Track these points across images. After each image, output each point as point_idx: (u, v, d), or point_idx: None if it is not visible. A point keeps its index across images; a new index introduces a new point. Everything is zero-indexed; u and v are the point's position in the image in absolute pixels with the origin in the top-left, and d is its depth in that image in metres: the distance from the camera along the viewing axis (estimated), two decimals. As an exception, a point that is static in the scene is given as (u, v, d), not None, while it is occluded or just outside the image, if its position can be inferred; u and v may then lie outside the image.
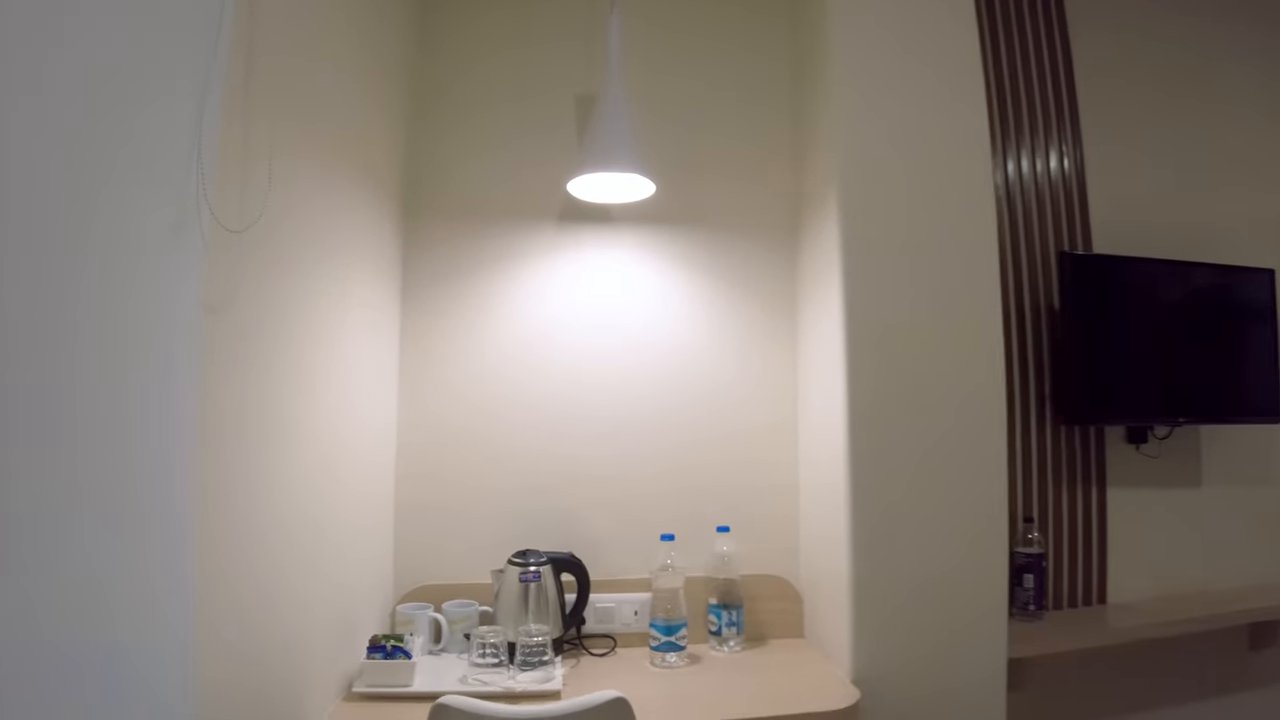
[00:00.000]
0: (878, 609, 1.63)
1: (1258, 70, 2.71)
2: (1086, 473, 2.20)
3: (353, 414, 1.55)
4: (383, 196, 1.72)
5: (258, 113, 1.06)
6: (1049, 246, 2.22)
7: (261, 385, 1.11)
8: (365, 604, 1.66)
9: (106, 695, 0.76)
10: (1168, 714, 2.34)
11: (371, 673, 1.51)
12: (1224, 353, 2.31)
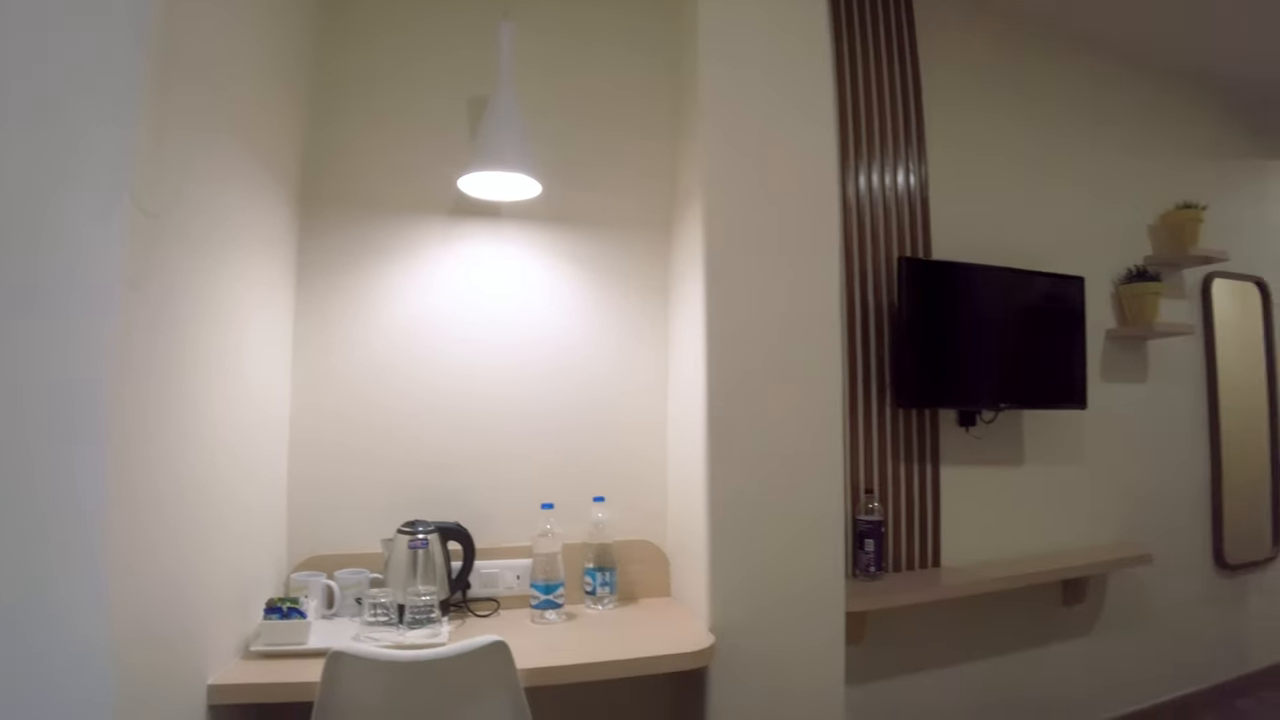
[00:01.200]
0: (732, 569, 1.82)
1: (1082, 102, 3.10)
2: (922, 451, 2.50)
3: (250, 392, 1.64)
4: (281, 187, 1.81)
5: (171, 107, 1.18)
6: (893, 251, 2.51)
7: (167, 361, 1.22)
8: (261, 572, 1.75)
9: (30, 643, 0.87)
10: (993, 662, 2.67)
11: (269, 632, 1.59)
12: (1041, 348, 2.66)
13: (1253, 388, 3.58)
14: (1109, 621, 2.98)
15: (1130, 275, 3.01)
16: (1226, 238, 3.50)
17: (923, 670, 2.52)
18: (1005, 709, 2.70)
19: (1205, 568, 3.35)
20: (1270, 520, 3.61)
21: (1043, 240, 2.88)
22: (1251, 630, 3.55)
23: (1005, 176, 2.83)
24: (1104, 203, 3.11)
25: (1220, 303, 3.44)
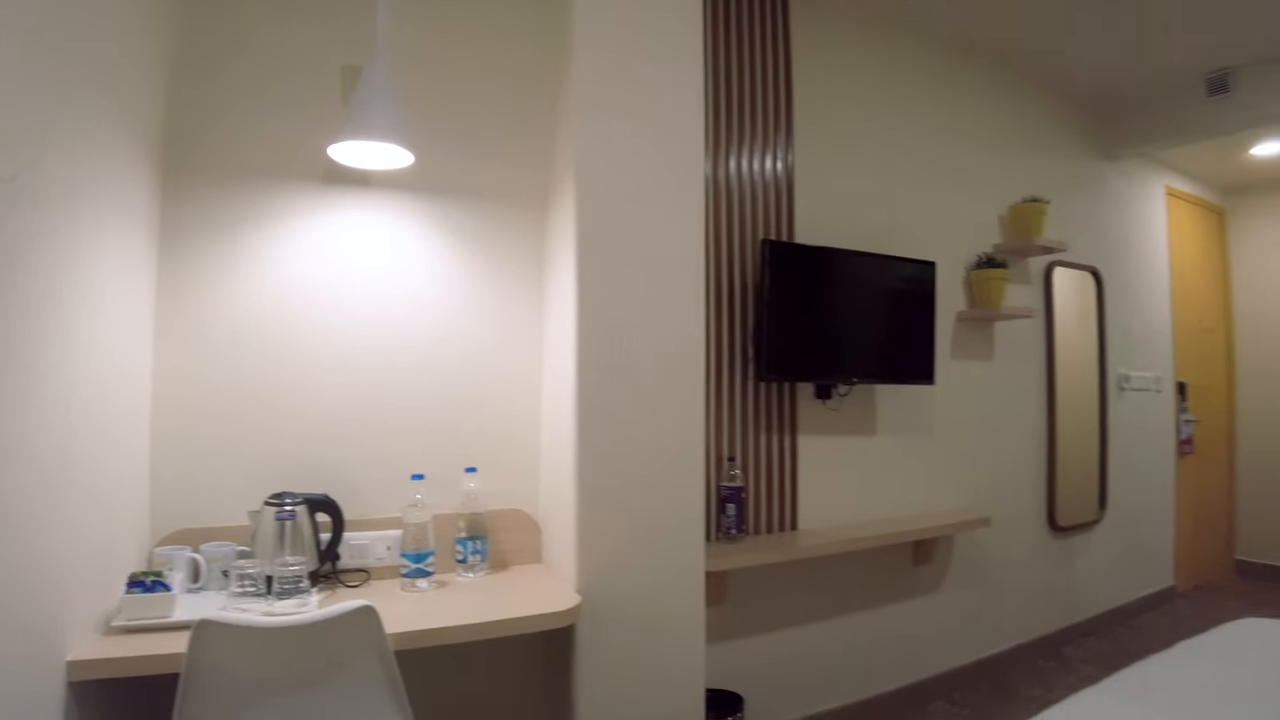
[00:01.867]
0: (600, 534, 1.90)
1: (942, 98, 3.32)
2: (782, 422, 2.66)
3: (112, 357, 1.61)
4: (141, 152, 1.76)
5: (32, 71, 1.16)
6: (759, 233, 2.64)
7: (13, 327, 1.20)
8: (123, 547, 1.71)
9: None
10: (849, 618, 2.88)
11: (131, 607, 1.56)
12: (893, 327, 2.86)
13: (1086, 367, 3.95)
14: (954, 579, 3.26)
15: (980, 262, 3.26)
16: (1067, 230, 3.83)
17: (783, 628, 2.70)
18: (860, 662, 2.93)
19: (1040, 529, 3.69)
20: (1098, 486, 3.99)
21: (900, 227, 3.09)
22: (1079, 585, 3.93)
23: (868, 165, 3.02)
24: (959, 194, 3.35)
25: (1060, 289, 3.76)
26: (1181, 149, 4.50)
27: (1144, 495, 4.39)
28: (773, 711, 2.67)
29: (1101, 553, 4.06)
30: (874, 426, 2.96)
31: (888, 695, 2.99)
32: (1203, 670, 1.81)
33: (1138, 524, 4.34)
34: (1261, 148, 4.56)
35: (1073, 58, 3.59)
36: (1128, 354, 4.29)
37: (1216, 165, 4.96)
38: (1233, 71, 3.66)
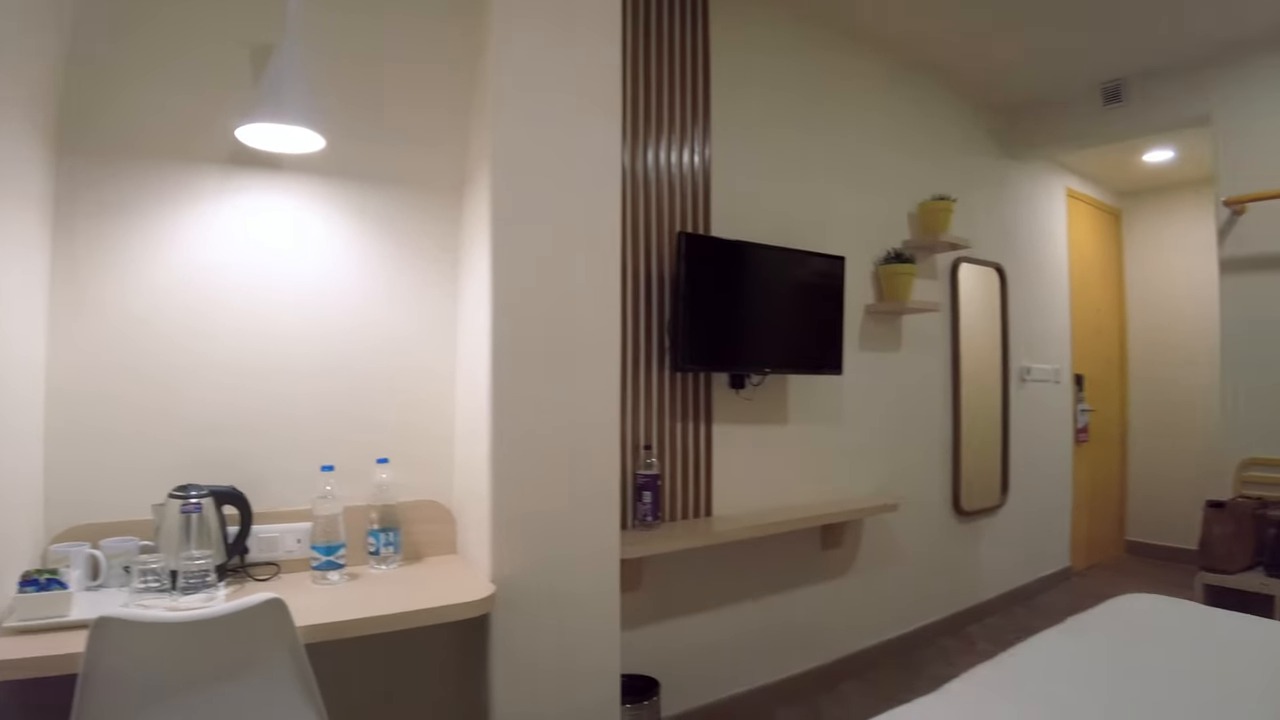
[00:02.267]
0: (514, 523, 1.90)
1: (857, 96, 3.43)
2: (697, 411, 2.73)
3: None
4: (35, 133, 1.68)
5: None
6: (676, 225, 2.69)
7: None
8: (14, 545, 1.64)
9: None
10: (761, 602, 2.97)
11: (25, 607, 1.49)
12: (804, 319, 2.96)
13: (989, 359, 4.14)
14: (863, 563, 3.39)
15: (888, 257, 3.39)
16: (973, 228, 4.00)
17: (698, 612, 2.76)
18: (773, 644, 3.02)
19: (945, 514, 3.86)
20: (1000, 473, 4.20)
21: (813, 222, 3.19)
22: (983, 567, 4.13)
23: (783, 162, 3.10)
24: (870, 191, 3.47)
25: (965, 284, 3.94)
26: (1080, 153, 4.77)
27: (1043, 481, 4.64)
28: (688, 695, 2.74)
29: (1003, 536, 4.27)
30: (786, 415, 3.05)
31: (799, 676, 3.09)
32: (1088, 641, 1.94)
33: (1037, 508, 4.58)
34: (1151, 155, 4.86)
35: (981, 64, 3.76)
36: (1029, 347, 4.52)
37: (1113, 169, 5.26)
38: (1126, 82, 3.88)
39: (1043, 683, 1.68)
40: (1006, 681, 1.70)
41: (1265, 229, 3.44)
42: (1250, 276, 3.49)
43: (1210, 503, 3.24)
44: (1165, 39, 3.47)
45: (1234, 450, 3.50)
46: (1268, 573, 3.05)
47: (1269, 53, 3.43)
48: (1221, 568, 3.14)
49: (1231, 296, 3.55)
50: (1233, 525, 3.14)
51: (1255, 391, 3.46)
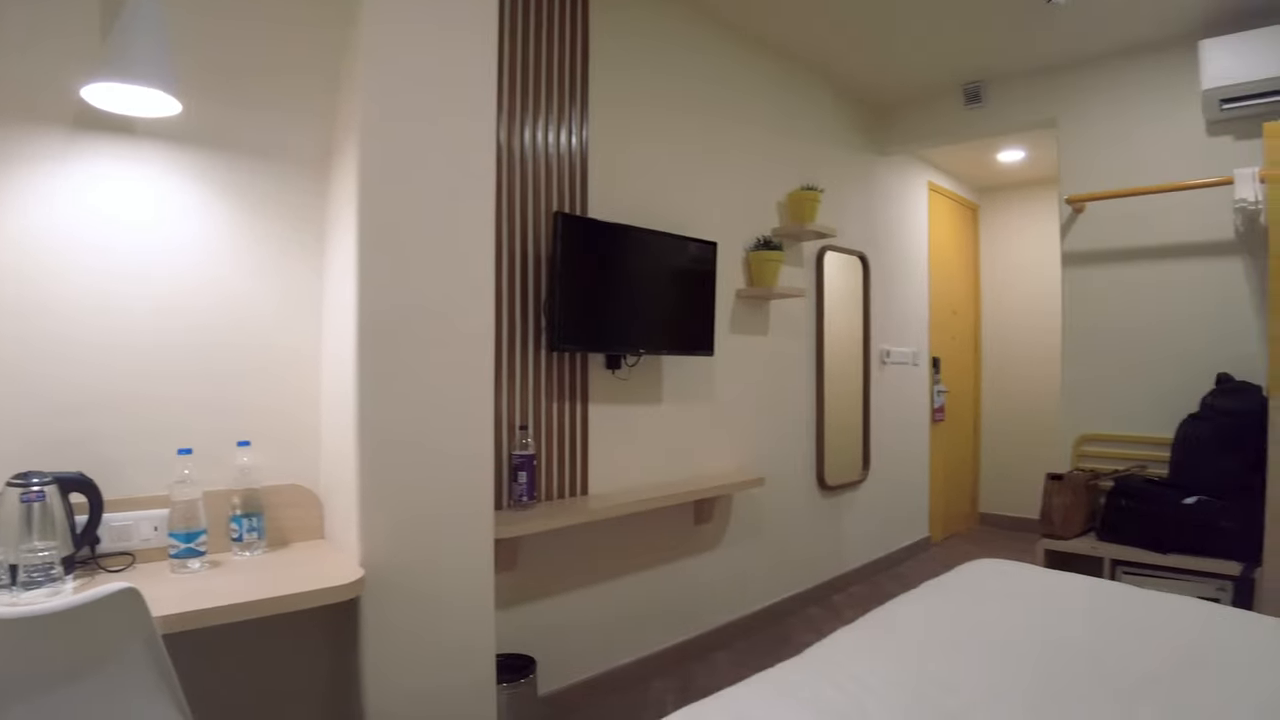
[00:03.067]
0: (384, 506, 1.87)
1: (734, 85, 3.53)
2: (573, 390, 2.77)
3: None
4: None
5: None
6: (552, 206, 2.71)
7: None
8: None
9: None
10: (637, 577, 3.05)
11: None
12: (678, 302, 3.04)
13: (852, 342, 4.38)
14: (733, 536, 3.54)
15: (758, 244, 3.53)
16: (839, 217, 4.21)
17: (574, 590, 2.82)
18: (648, 618, 3.11)
19: (810, 489, 4.07)
20: (862, 449, 4.45)
21: (687, 207, 3.27)
22: (847, 539, 4.38)
23: (660, 147, 3.16)
24: (743, 179, 3.59)
25: (831, 271, 4.14)
26: (943, 150, 5.08)
27: (902, 457, 4.95)
28: (566, 671, 2.79)
29: (866, 509, 4.54)
30: (660, 395, 3.14)
31: (673, 648, 3.20)
32: (939, 602, 2.11)
33: (897, 483, 4.88)
34: (1005, 154, 5.23)
35: (854, 63, 3.95)
36: (889, 331, 4.80)
37: (971, 167, 5.63)
38: (985, 85, 4.17)
39: (898, 640, 1.82)
40: (863, 642, 1.83)
41: (1101, 226, 3.79)
42: (1087, 269, 3.83)
43: (1050, 475, 3.55)
44: (1020, 48, 3.76)
45: (1072, 427, 3.85)
46: (1099, 537, 3.36)
47: (1106, 67, 3.78)
48: (1059, 534, 3.44)
49: (1071, 287, 3.89)
50: (1070, 495, 3.45)
51: (1091, 374, 3.81)
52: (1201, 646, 1.78)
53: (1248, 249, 3.37)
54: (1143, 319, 3.66)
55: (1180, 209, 3.54)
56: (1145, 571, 3.17)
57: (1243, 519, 3.00)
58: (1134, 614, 2.00)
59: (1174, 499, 3.16)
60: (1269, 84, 3.12)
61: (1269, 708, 1.47)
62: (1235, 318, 3.41)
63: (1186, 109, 3.52)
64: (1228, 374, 3.34)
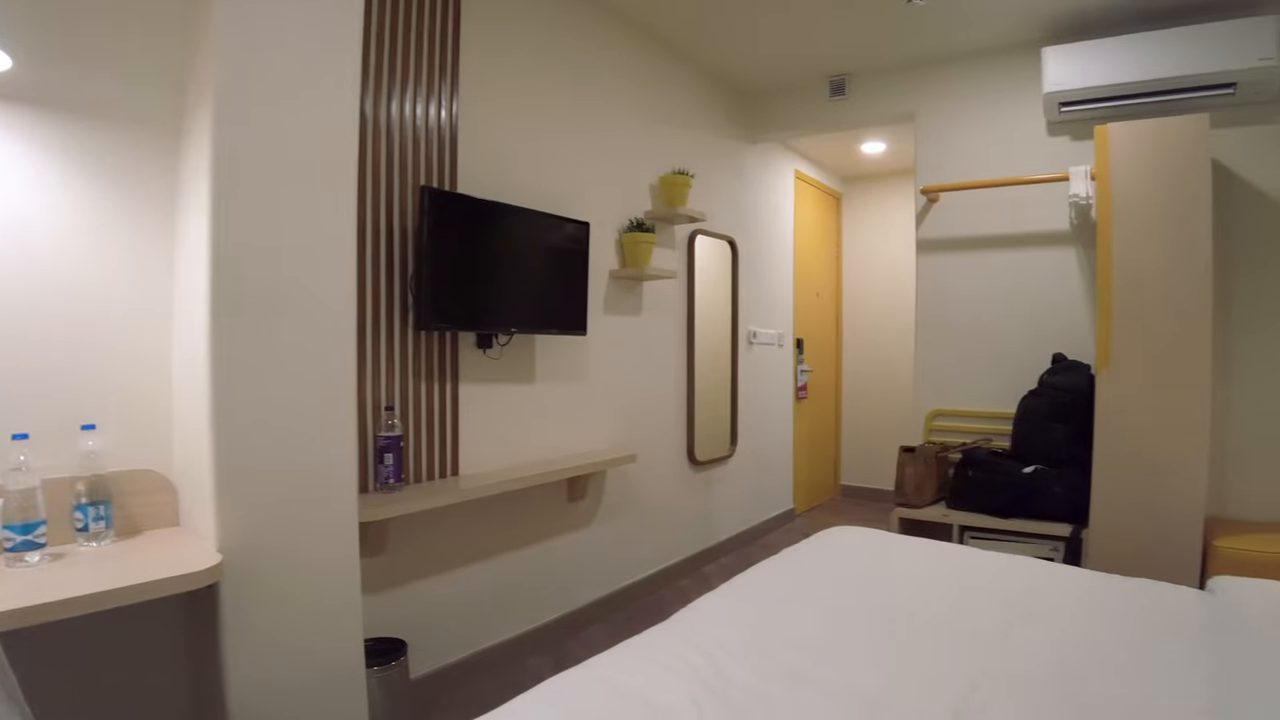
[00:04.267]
0: (242, 491, 1.80)
1: (609, 66, 3.55)
2: (442, 370, 2.74)
3: None
4: None
5: None
6: (420, 180, 2.66)
7: None
8: None
9: None
10: (511, 556, 3.06)
11: None
12: (550, 281, 3.06)
13: (721, 323, 4.53)
14: (607, 513, 3.60)
15: (631, 226, 3.58)
16: (710, 202, 4.33)
17: (447, 571, 2.80)
18: (523, 596, 3.13)
19: (681, 465, 4.19)
20: (730, 426, 4.62)
21: (562, 187, 3.28)
22: (716, 512, 4.54)
23: (532, 126, 3.15)
24: (616, 161, 3.63)
25: (701, 254, 4.25)
26: (809, 139, 5.29)
27: (769, 433, 5.16)
28: (440, 653, 2.78)
29: (734, 483, 4.72)
30: (533, 374, 3.15)
31: (549, 624, 3.24)
32: (794, 568, 2.24)
33: (764, 458, 5.10)
34: (867, 146, 5.50)
35: (721, 49, 4.05)
36: (756, 313, 4.98)
37: (836, 157, 5.89)
38: (849, 78, 4.37)
39: (755, 605, 1.93)
40: (723, 607, 1.92)
41: (953, 216, 4.06)
42: (940, 256, 4.11)
43: (903, 448, 3.79)
44: (882, 44, 3.97)
45: (924, 404, 4.13)
46: (948, 505, 3.62)
47: (961, 66, 4.05)
48: (912, 503, 3.69)
49: (925, 273, 4.16)
50: (921, 467, 3.70)
51: (941, 354, 4.10)
52: (1032, 599, 1.98)
53: (1081, 240, 3.70)
54: (989, 303, 3.96)
55: (1023, 202, 3.86)
56: (990, 535, 3.44)
57: (1072, 485, 3.32)
58: (974, 573, 2.20)
59: (1015, 469, 3.46)
60: (1100, 91, 3.44)
61: (1090, 648, 1.66)
62: (1070, 303, 3.74)
63: (1030, 109, 3.83)
64: (1062, 354, 3.67)
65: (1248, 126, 3.34)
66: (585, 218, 3.28)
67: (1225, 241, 3.33)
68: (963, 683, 1.47)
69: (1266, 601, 1.85)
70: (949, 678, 1.50)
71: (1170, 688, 1.46)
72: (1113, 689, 1.46)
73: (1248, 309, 3.34)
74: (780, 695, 1.40)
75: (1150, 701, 1.40)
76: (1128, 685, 1.48)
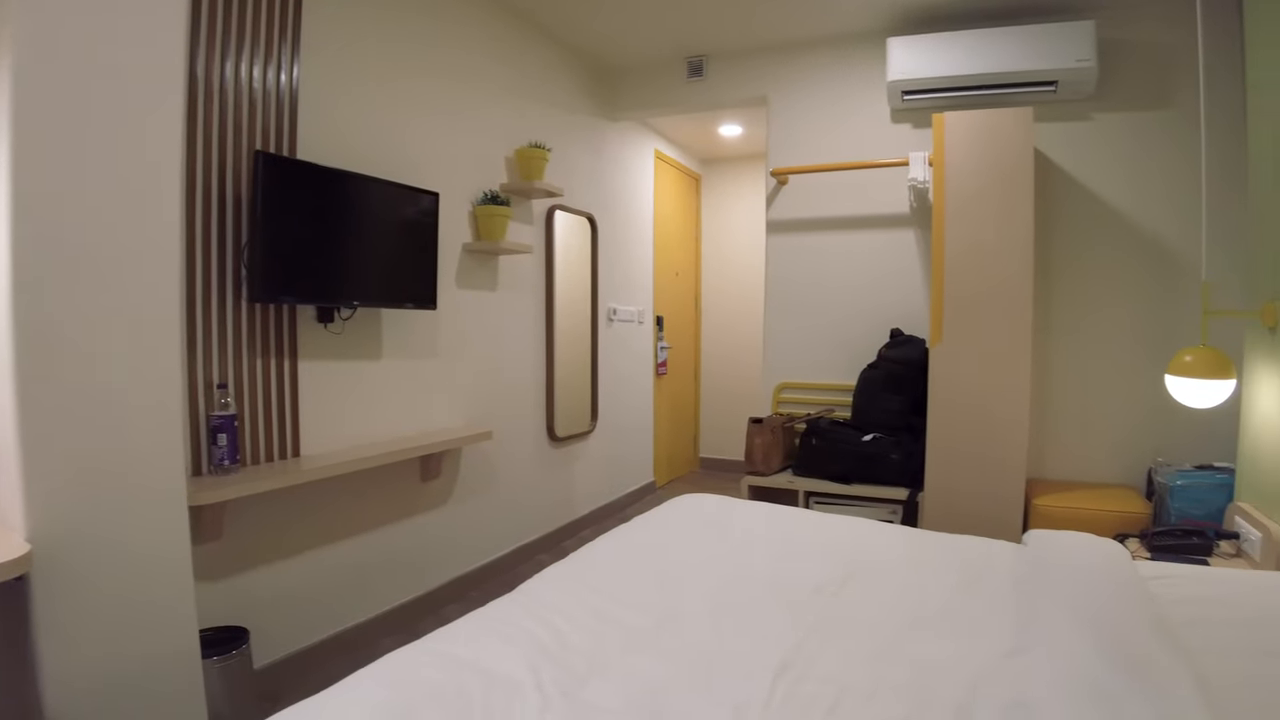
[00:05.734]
0: (53, 474, 1.66)
1: (463, 37, 3.45)
2: (280, 345, 2.60)
3: None
4: None
5: None
6: (256, 145, 2.50)
7: None
8: None
9: None
10: (362, 538, 2.97)
11: None
12: (397, 253, 2.96)
13: (581, 300, 4.54)
14: (463, 491, 3.55)
15: (485, 198, 3.52)
16: (569, 178, 4.31)
17: (292, 556, 2.68)
18: (376, 578, 3.05)
19: (541, 441, 4.19)
20: (590, 402, 4.65)
21: (412, 156, 3.17)
22: (577, 487, 4.57)
23: (381, 93, 3.02)
24: (471, 132, 3.54)
25: (560, 230, 4.24)
26: (667, 120, 5.36)
27: (629, 409, 5.24)
28: (287, 640, 2.68)
29: (595, 458, 4.76)
30: (380, 350, 3.04)
31: (404, 606, 3.17)
32: (639, 536, 2.29)
33: (624, 433, 5.17)
34: (725, 128, 5.62)
35: (579, 25, 4.02)
36: (616, 290, 5.03)
37: (695, 139, 5.99)
38: (706, 59, 4.44)
39: (599, 572, 1.96)
40: (568, 576, 1.95)
41: (802, 197, 4.23)
42: (788, 237, 4.27)
43: (752, 419, 3.94)
44: (738, 27, 4.05)
45: (773, 377, 4.30)
46: (794, 472, 3.80)
47: (812, 52, 4.20)
48: (760, 471, 3.84)
49: (774, 253, 4.31)
50: (769, 436, 3.85)
51: (789, 330, 4.28)
52: (864, 557, 2.11)
53: (919, 222, 3.95)
54: (833, 281, 4.16)
55: (867, 185, 4.07)
56: (833, 500, 3.63)
57: (908, 452, 3.55)
58: (811, 535, 2.32)
59: (854, 437, 3.66)
60: (939, 81, 3.66)
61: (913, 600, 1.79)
62: (908, 281, 3.99)
63: (876, 96, 4.03)
64: (899, 329, 3.92)
65: (1067, 122, 3.66)
66: (437, 189, 3.19)
67: (1046, 224, 3.65)
68: (793, 636, 1.56)
69: (1067, 549, 2.05)
70: (780, 633, 1.58)
71: (983, 633, 1.60)
72: (930, 636, 1.58)
73: (1066, 287, 3.67)
74: (616, 657, 1.44)
75: (963, 646, 1.53)
76: (944, 633, 1.61)
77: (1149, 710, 1.17)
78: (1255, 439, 2.55)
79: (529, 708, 1.24)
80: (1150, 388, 3.42)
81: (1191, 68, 3.31)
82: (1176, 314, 3.46)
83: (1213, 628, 1.59)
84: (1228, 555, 2.47)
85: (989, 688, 1.35)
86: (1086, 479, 3.64)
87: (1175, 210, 3.47)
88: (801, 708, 1.27)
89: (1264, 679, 1.37)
